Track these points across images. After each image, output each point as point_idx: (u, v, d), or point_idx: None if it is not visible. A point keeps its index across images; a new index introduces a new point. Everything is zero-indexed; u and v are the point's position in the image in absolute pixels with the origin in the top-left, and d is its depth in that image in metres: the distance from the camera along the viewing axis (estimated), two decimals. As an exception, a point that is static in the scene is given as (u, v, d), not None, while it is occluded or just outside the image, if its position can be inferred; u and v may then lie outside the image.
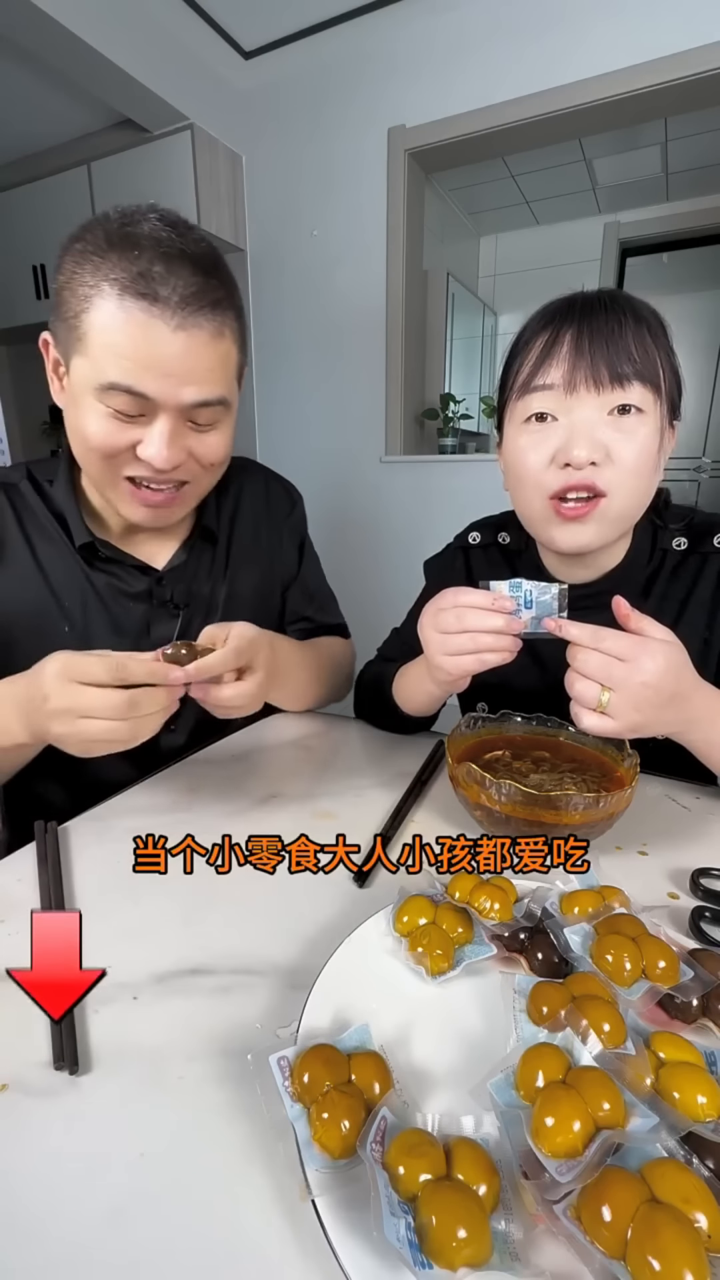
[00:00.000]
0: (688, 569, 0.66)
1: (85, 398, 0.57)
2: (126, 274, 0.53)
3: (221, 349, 0.59)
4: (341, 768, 0.69)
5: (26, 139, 2.74)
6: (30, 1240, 0.25)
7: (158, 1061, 0.33)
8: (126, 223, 0.55)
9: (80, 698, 0.46)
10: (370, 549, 2.68)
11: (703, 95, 1.98)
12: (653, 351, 0.56)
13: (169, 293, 0.54)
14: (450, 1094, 0.31)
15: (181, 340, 0.55)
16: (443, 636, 0.53)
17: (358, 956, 0.38)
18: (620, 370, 0.54)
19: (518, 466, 0.61)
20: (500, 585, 0.52)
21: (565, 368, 0.56)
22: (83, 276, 0.54)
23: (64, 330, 0.57)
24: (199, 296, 0.55)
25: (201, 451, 0.62)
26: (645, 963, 0.35)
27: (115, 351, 0.54)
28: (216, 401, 0.59)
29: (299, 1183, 0.26)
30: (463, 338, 3.27)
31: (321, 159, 2.47)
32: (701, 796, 0.61)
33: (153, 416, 0.57)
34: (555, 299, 0.60)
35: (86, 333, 0.54)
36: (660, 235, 3.48)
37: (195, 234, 0.57)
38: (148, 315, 0.53)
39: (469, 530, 0.81)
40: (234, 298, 0.60)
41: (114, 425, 0.57)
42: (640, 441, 0.56)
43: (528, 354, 0.59)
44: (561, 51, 2.01)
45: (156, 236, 0.54)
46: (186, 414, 0.59)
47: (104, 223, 0.56)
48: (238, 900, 0.46)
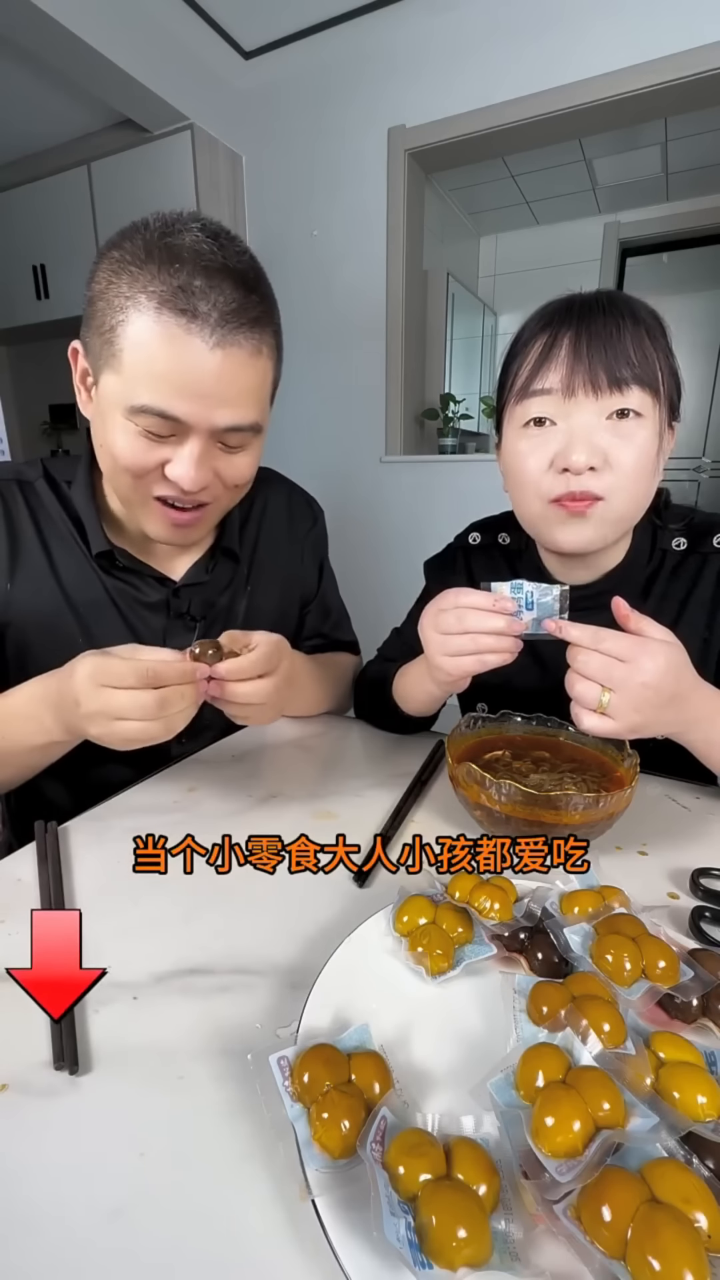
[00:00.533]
0: (687, 569, 0.66)
1: (115, 415, 0.55)
2: (165, 287, 0.51)
3: (259, 368, 0.57)
4: (341, 768, 0.69)
5: (27, 139, 2.74)
6: (30, 1240, 0.25)
7: (158, 1061, 0.33)
8: (167, 233, 0.53)
9: (112, 701, 0.47)
10: (370, 549, 2.68)
11: (702, 95, 1.98)
12: (651, 354, 0.55)
13: (209, 309, 0.52)
14: (450, 1094, 0.31)
15: (219, 359, 0.53)
16: (443, 637, 0.53)
17: (358, 956, 0.38)
18: (619, 374, 0.54)
19: (517, 471, 0.61)
20: (501, 586, 0.52)
21: (563, 372, 0.55)
22: (119, 287, 0.52)
23: (97, 343, 0.55)
24: (239, 314, 0.53)
25: (228, 473, 0.61)
26: (645, 963, 0.35)
27: (149, 369, 0.52)
28: (249, 427, 0.58)
29: (299, 1182, 0.26)
30: (463, 338, 3.28)
31: (321, 159, 2.47)
32: (701, 796, 0.61)
33: (183, 437, 0.56)
34: (553, 300, 0.60)
35: (122, 348, 0.53)
36: (660, 235, 3.48)
37: (238, 246, 0.56)
38: (186, 332, 0.52)
39: (469, 531, 0.81)
40: (273, 314, 0.59)
41: (143, 444, 0.56)
42: (639, 445, 0.56)
43: (526, 357, 0.59)
44: (561, 51, 2.01)
45: (198, 249, 0.53)
46: (218, 436, 0.57)
47: (143, 231, 0.54)
48: (238, 900, 0.46)
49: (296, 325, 2.67)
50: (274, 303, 0.59)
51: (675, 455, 0.64)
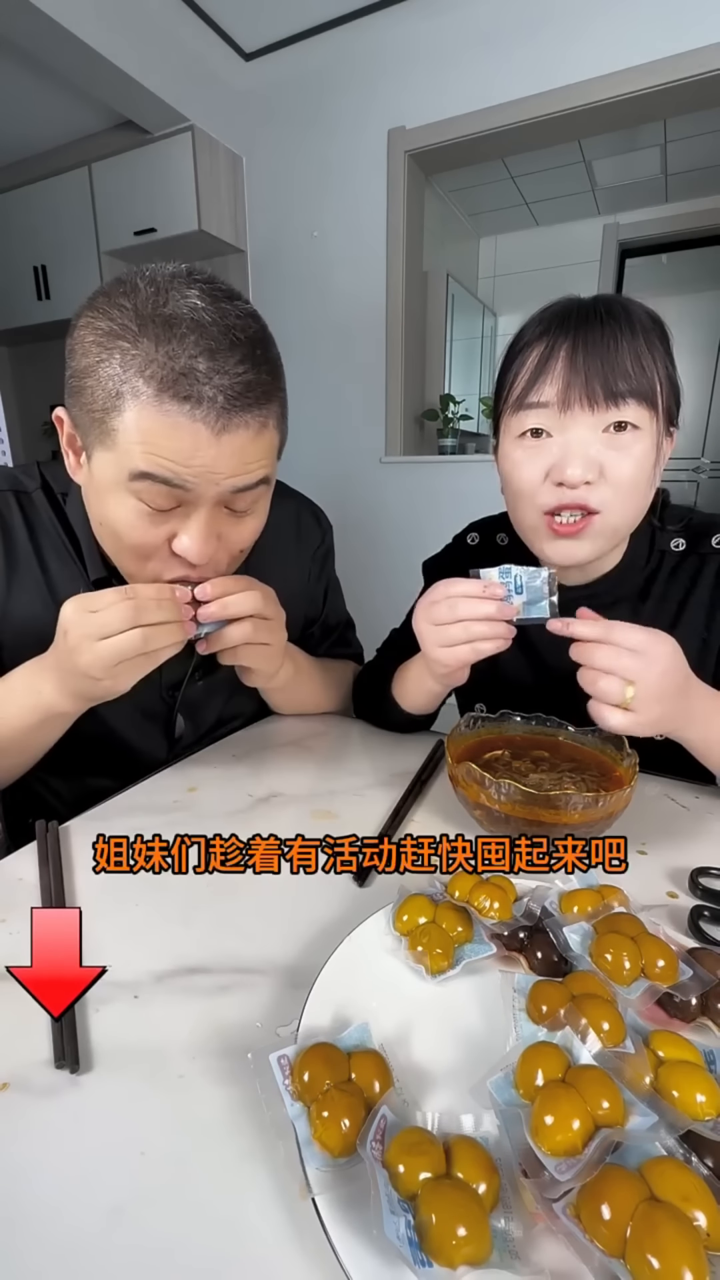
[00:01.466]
0: (686, 570, 0.66)
1: (113, 490, 0.52)
2: (165, 371, 0.46)
3: (264, 441, 0.53)
4: (341, 768, 0.69)
5: (27, 140, 2.75)
6: (31, 1239, 0.25)
7: (158, 1060, 0.33)
8: (160, 300, 0.48)
9: (92, 620, 0.49)
10: (370, 549, 2.68)
11: (702, 97, 1.98)
12: (649, 366, 0.54)
13: (214, 393, 0.48)
14: (450, 1092, 0.31)
15: (224, 442, 0.50)
16: (436, 629, 0.54)
17: (358, 955, 0.38)
18: (615, 389, 0.53)
19: (512, 480, 0.61)
20: (490, 572, 0.53)
21: (560, 385, 0.55)
22: (110, 367, 0.47)
23: (86, 420, 0.51)
24: (245, 394, 0.49)
25: (234, 538, 0.58)
26: (644, 961, 0.35)
27: (148, 450, 0.48)
28: (257, 484, 0.55)
29: (299, 1181, 0.26)
30: (462, 338, 3.28)
31: (322, 160, 2.48)
32: (701, 796, 0.61)
33: (189, 509, 0.52)
34: (552, 304, 0.59)
35: (116, 429, 0.48)
36: (659, 236, 3.48)
37: (239, 308, 0.51)
38: (189, 419, 0.47)
39: (467, 531, 0.81)
40: (279, 379, 0.55)
41: (147, 522, 0.52)
42: (635, 458, 0.55)
43: (523, 365, 0.58)
44: (561, 53, 2.01)
45: (199, 321, 0.47)
46: (224, 500, 0.54)
47: (132, 295, 0.48)
48: (238, 900, 0.46)
49: (296, 327, 2.68)
50: (278, 364, 0.55)
51: (675, 455, 0.64)
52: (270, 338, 0.55)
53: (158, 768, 0.67)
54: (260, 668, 0.61)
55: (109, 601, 0.49)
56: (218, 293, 0.50)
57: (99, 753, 0.69)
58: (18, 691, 0.57)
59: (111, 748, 0.71)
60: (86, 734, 0.63)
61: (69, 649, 0.50)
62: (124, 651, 0.49)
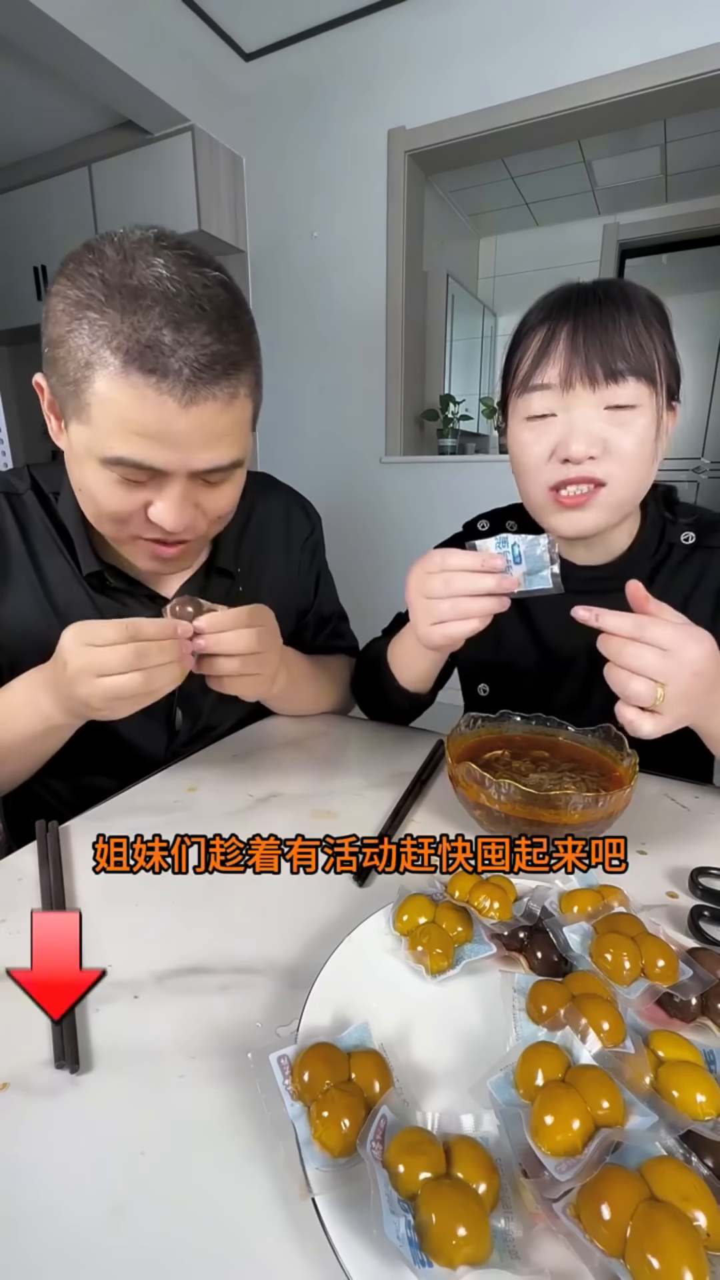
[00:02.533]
0: (694, 562, 0.67)
1: (89, 462, 0.53)
2: (130, 342, 0.46)
3: (235, 413, 0.53)
4: (341, 768, 0.69)
5: (28, 141, 2.75)
6: (31, 1238, 0.25)
7: (158, 1060, 0.33)
8: (127, 269, 0.47)
9: (94, 657, 0.48)
10: (370, 549, 2.68)
11: (702, 97, 1.98)
12: (648, 344, 0.56)
13: (179, 365, 0.47)
14: (450, 1092, 0.31)
15: (193, 414, 0.49)
16: (427, 602, 0.52)
17: (357, 955, 0.38)
18: (615, 367, 0.55)
19: (520, 459, 0.63)
20: (487, 543, 0.51)
21: (561, 365, 0.57)
22: (79, 337, 0.48)
23: (62, 391, 0.51)
24: (212, 365, 0.49)
25: (210, 506, 0.58)
26: (644, 961, 0.35)
27: (119, 425, 0.49)
28: (229, 465, 0.55)
29: (299, 1181, 0.26)
30: (462, 339, 3.28)
31: (321, 160, 2.48)
32: (701, 796, 0.61)
33: (163, 480, 0.53)
34: (554, 290, 0.61)
35: (88, 403, 0.49)
36: (659, 236, 3.49)
37: (206, 275, 0.50)
38: (156, 391, 0.47)
39: (478, 519, 0.82)
40: (251, 346, 0.54)
41: (122, 491, 0.53)
42: (637, 433, 0.57)
43: (527, 349, 0.60)
44: (561, 53, 2.01)
45: (164, 289, 0.47)
46: (198, 475, 0.55)
47: (100, 264, 0.48)
48: (238, 900, 0.46)
49: (297, 326, 2.68)
50: (251, 332, 0.55)
51: (675, 455, 0.65)
52: (242, 304, 0.54)
53: (157, 764, 0.67)
54: (248, 695, 0.61)
55: (110, 639, 0.48)
56: (185, 259, 0.49)
57: (99, 751, 0.69)
58: (19, 702, 0.57)
59: (111, 746, 0.71)
60: (86, 733, 0.63)
61: (68, 679, 0.50)
62: (124, 691, 0.49)
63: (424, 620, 0.54)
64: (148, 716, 0.72)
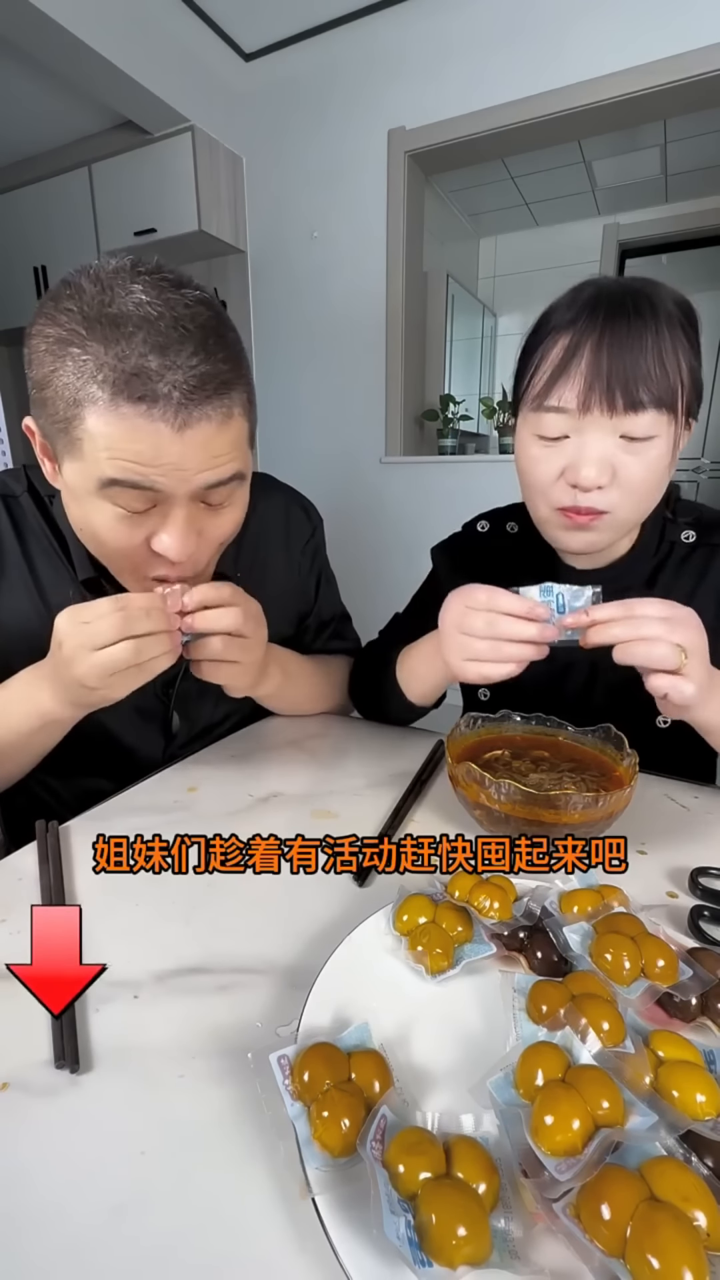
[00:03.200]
0: (695, 561, 0.67)
1: (87, 497, 0.52)
2: (116, 374, 0.46)
3: (231, 432, 0.52)
4: (341, 768, 0.69)
5: (28, 141, 2.75)
6: (31, 1238, 0.25)
7: (158, 1060, 0.33)
8: (106, 299, 0.47)
9: (85, 630, 0.49)
10: (370, 550, 2.68)
11: (702, 97, 1.98)
12: (673, 368, 0.53)
13: (169, 389, 0.47)
14: (450, 1092, 0.31)
15: (188, 438, 0.49)
16: (464, 638, 0.52)
17: (358, 955, 0.38)
18: (636, 397, 0.53)
19: (528, 474, 0.61)
20: (531, 591, 0.50)
21: (580, 387, 0.54)
22: (63, 375, 0.47)
23: (52, 431, 0.51)
24: (202, 386, 0.48)
25: (213, 533, 0.57)
26: (644, 961, 0.35)
27: (114, 457, 0.48)
28: (230, 478, 0.54)
29: (299, 1181, 0.26)
30: (462, 339, 3.28)
31: (322, 160, 2.48)
32: (701, 796, 0.61)
33: (165, 507, 0.52)
34: (583, 287, 0.57)
35: (80, 439, 0.48)
36: (659, 236, 3.49)
37: (187, 297, 0.49)
38: (147, 419, 0.47)
39: (478, 519, 0.81)
40: (240, 365, 0.53)
41: (125, 526, 0.52)
42: (650, 463, 0.56)
43: (546, 356, 0.57)
44: (561, 53, 2.02)
45: (145, 316, 0.46)
46: (199, 495, 0.53)
47: (77, 298, 0.47)
48: (238, 900, 0.46)
49: (296, 327, 2.69)
50: (240, 351, 0.54)
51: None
52: (226, 323, 0.53)
53: (156, 766, 0.67)
54: (229, 684, 0.61)
55: (101, 612, 0.50)
56: (164, 282, 0.49)
57: (97, 753, 0.70)
58: (16, 698, 0.57)
59: (110, 748, 0.71)
60: (84, 734, 0.63)
61: (64, 659, 0.51)
62: (117, 662, 0.49)
63: (458, 654, 0.53)
64: (145, 720, 0.72)
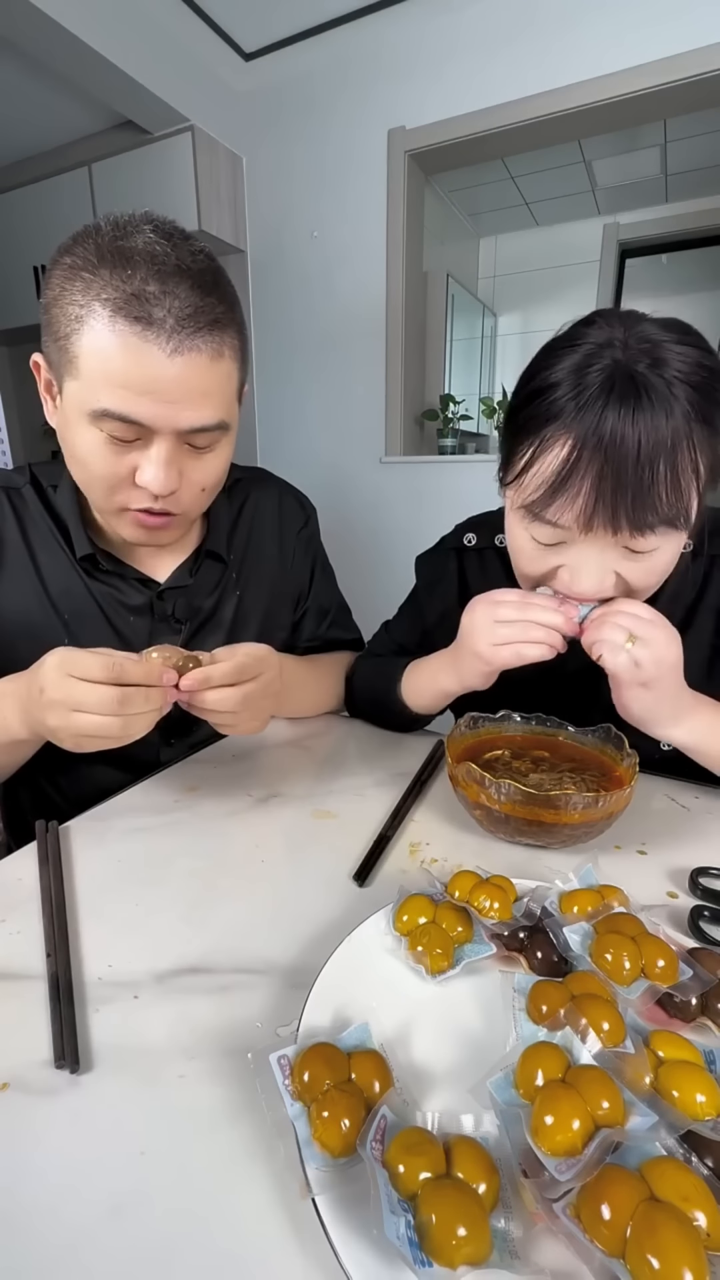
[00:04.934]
0: (694, 573, 0.64)
1: (79, 422, 0.54)
2: (119, 294, 0.50)
3: (220, 370, 0.56)
4: (341, 768, 0.69)
5: (28, 140, 2.75)
6: (31, 1238, 0.25)
7: (158, 1060, 0.33)
8: (119, 236, 0.51)
9: (74, 691, 0.47)
10: (370, 549, 2.68)
11: (702, 97, 1.98)
12: (687, 487, 0.48)
13: (164, 314, 0.51)
14: (450, 1092, 0.31)
15: (178, 365, 0.52)
16: (494, 625, 0.55)
17: (358, 955, 0.38)
18: (644, 522, 0.48)
19: (518, 561, 0.59)
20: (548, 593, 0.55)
21: (581, 507, 0.49)
22: (72, 294, 0.51)
23: (55, 351, 0.54)
24: (196, 317, 0.52)
25: (196, 476, 0.59)
26: (644, 961, 0.35)
27: (108, 378, 0.51)
28: (215, 426, 0.57)
29: (299, 1181, 0.26)
30: (463, 339, 3.28)
31: (322, 160, 2.48)
32: (701, 796, 0.61)
33: (149, 440, 0.55)
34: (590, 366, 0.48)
35: (78, 355, 0.52)
36: (660, 236, 3.48)
37: (193, 246, 0.54)
38: (141, 340, 0.50)
39: (464, 531, 0.78)
40: (234, 314, 0.57)
41: (110, 452, 0.55)
42: (654, 566, 0.52)
43: (544, 456, 0.50)
44: (561, 53, 2.01)
45: (151, 251, 0.51)
46: (184, 437, 0.56)
47: (95, 235, 0.52)
48: (238, 900, 0.46)
49: (296, 326, 2.68)
50: (235, 303, 0.57)
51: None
52: (224, 277, 0.57)
53: (155, 767, 0.67)
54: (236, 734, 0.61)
55: (94, 674, 0.47)
56: (174, 233, 0.54)
57: (97, 753, 0.69)
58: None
59: (107, 753, 0.71)
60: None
61: (42, 704, 0.48)
62: (98, 732, 0.47)
63: (485, 641, 0.55)
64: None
